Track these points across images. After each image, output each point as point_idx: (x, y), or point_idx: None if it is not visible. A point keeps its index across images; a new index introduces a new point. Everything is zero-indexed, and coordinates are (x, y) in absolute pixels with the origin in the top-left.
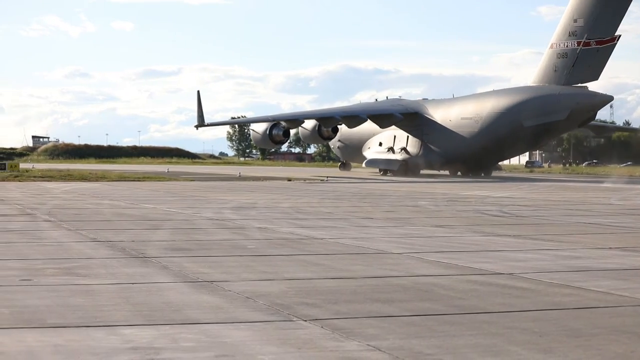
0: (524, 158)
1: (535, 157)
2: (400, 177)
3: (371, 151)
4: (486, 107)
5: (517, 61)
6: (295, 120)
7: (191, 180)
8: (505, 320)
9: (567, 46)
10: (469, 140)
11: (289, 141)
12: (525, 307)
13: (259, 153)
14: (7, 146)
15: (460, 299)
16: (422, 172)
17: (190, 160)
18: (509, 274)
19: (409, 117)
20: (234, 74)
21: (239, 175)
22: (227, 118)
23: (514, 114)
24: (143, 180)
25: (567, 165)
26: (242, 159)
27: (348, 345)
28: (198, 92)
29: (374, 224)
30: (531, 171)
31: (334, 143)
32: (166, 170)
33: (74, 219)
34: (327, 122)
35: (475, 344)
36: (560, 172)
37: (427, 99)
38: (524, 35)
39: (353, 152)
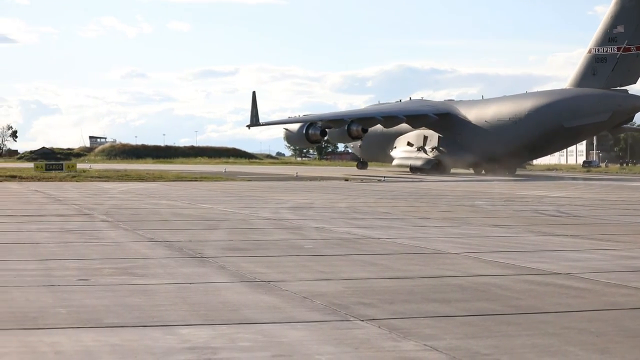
0: (581, 158)
1: (593, 157)
2: (431, 175)
3: (399, 150)
4: (524, 109)
5: (573, 60)
6: (341, 120)
7: (248, 180)
8: (562, 320)
9: (606, 51)
10: (505, 140)
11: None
12: (582, 307)
13: (315, 153)
14: (65, 147)
15: (517, 299)
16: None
17: (247, 161)
18: (566, 274)
19: (441, 118)
20: (290, 74)
21: (296, 175)
22: (283, 118)
23: (555, 115)
24: (200, 180)
25: (625, 165)
26: (299, 159)
27: (405, 345)
28: (254, 92)
29: (431, 224)
30: (588, 171)
31: (355, 143)
32: (223, 171)
33: (131, 219)
34: (367, 123)
35: (532, 344)
36: (617, 172)
37: (452, 99)
38: (580, 35)
39: (376, 151)
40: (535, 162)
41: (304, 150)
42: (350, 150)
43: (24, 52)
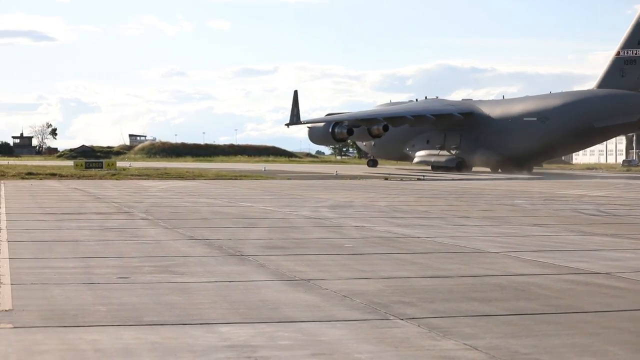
0: (621, 157)
1: (633, 156)
2: (454, 173)
3: (417, 148)
4: (553, 109)
5: None
6: (373, 119)
7: (288, 179)
8: (602, 320)
9: (635, 54)
10: (532, 139)
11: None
12: (622, 306)
13: (355, 152)
14: (105, 145)
15: (557, 299)
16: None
17: (287, 159)
18: (606, 273)
19: (465, 117)
20: (330, 73)
21: (336, 174)
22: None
23: (585, 115)
24: (240, 179)
25: None
26: (338, 157)
27: (445, 344)
28: (295, 91)
29: (470, 223)
30: (628, 170)
31: (368, 141)
32: (263, 169)
33: (171, 217)
34: (396, 122)
35: (572, 343)
36: None
37: (471, 99)
38: (620, 34)
39: (390, 149)
40: (574, 161)
41: (344, 149)
42: (362, 149)
43: (64, 50)
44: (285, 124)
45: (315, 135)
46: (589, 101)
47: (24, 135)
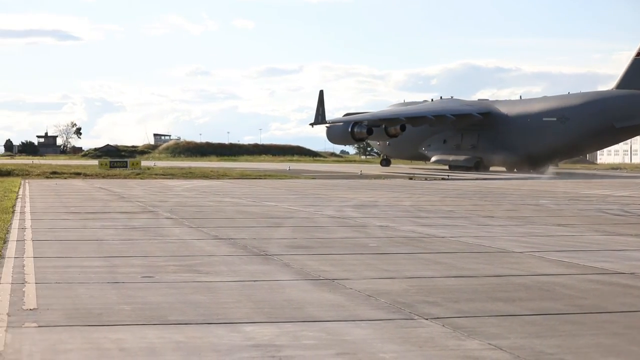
0: None
1: None
2: (471, 172)
3: (433, 148)
4: (573, 109)
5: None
6: (394, 119)
7: (312, 178)
8: (626, 320)
9: None
10: (552, 139)
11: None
12: None
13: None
14: (129, 144)
15: (582, 299)
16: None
17: (311, 159)
18: (631, 273)
19: (484, 117)
20: (355, 72)
21: (360, 174)
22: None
23: (606, 115)
24: (264, 178)
25: None
26: (363, 157)
27: (469, 344)
28: (321, 91)
29: (495, 223)
30: None
31: (382, 141)
32: (287, 168)
33: (196, 216)
34: (417, 122)
35: (597, 343)
36: None
37: (487, 99)
38: None
39: (404, 149)
40: (598, 160)
41: (368, 149)
42: (375, 148)
43: (88, 49)
44: (310, 124)
45: (334, 135)
46: (609, 101)
47: (49, 134)
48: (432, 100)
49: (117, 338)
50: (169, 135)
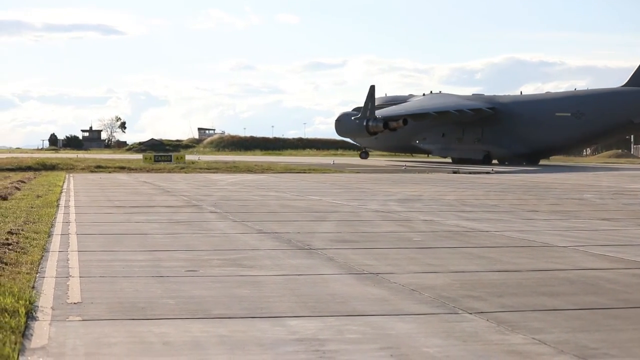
0: None
1: None
2: (476, 166)
3: (430, 141)
4: (588, 105)
5: None
6: (425, 114)
7: (356, 172)
8: None
9: None
10: (565, 134)
11: None
12: None
13: None
14: (174, 138)
15: (626, 293)
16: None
17: (355, 152)
18: None
19: (494, 111)
20: (399, 66)
21: (404, 168)
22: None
23: (623, 111)
24: (308, 172)
25: None
26: None
27: (513, 339)
28: (372, 86)
29: (539, 217)
30: None
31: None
32: (332, 163)
33: (240, 210)
34: (443, 117)
35: None
36: None
37: (482, 94)
38: None
39: (389, 141)
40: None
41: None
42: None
43: (133, 44)
44: (355, 118)
45: (347, 128)
46: (627, 97)
47: (93, 128)
48: (423, 95)
49: (161, 332)
50: (214, 130)
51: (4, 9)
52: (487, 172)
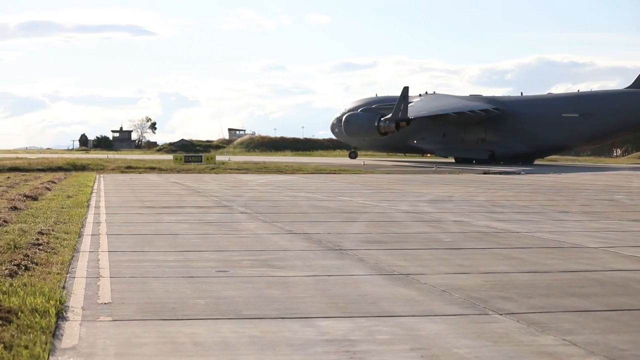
0: None
1: None
2: (478, 166)
3: (430, 141)
4: (599, 106)
5: None
6: (446, 115)
7: (387, 173)
8: None
9: None
10: (573, 134)
11: None
12: None
13: None
14: (204, 139)
15: None
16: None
17: (385, 154)
18: None
19: (500, 112)
20: (429, 67)
21: (435, 169)
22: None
23: (635, 113)
24: (339, 173)
25: None
26: None
27: (543, 340)
28: (406, 88)
29: (569, 218)
30: None
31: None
32: (362, 164)
33: (270, 211)
34: (462, 117)
35: None
36: None
37: (480, 95)
38: None
39: (381, 141)
40: None
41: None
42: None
43: (163, 44)
44: (385, 119)
45: (356, 127)
46: (635, 98)
47: (124, 129)
48: (419, 95)
49: (192, 332)
50: (244, 130)
51: (35, 10)
52: (518, 173)
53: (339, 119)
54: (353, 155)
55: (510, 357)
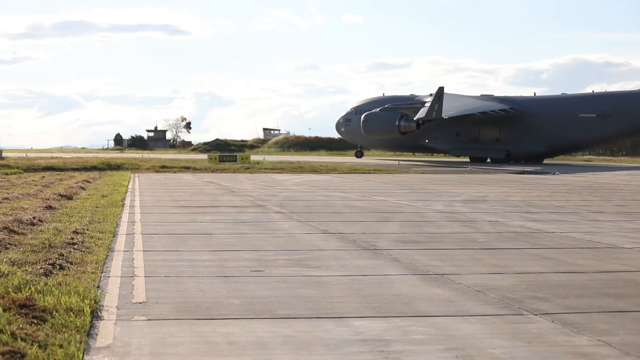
0: None
1: None
2: (500, 165)
3: (443, 140)
4: (617, 106)
5: None
6: (472, 115)
7: (422, 173)
8: None
9: None
10: (590, 134)
11: None
12: None
13: None
14: (239, 138)
15: None
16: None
17: (421, 153)
18: None
19: (517, 112)
20: (464, 67)
21: (470, 169)
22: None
23: None
24: (374, 173)
25: None
26: None
27: (578, 340)
28: (441, 88)
29: (605, 218)
30: None
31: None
32: (397, 163)
33: (305, 210)
34: (485, 117)
35: None
36: None
37: (492, 95)
38: None
39: (389, 139)
40: None
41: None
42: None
43: (198, 44)
44: (418, 119)
45: (375, 126)
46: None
47: (158, 128)
48: (430, 95)
49: (226, 332)
50: (278, 130)
51: (70, 10)
52: (553, 173)
53: (344, 118)
54: (359, 155)
55: (545, 358)
